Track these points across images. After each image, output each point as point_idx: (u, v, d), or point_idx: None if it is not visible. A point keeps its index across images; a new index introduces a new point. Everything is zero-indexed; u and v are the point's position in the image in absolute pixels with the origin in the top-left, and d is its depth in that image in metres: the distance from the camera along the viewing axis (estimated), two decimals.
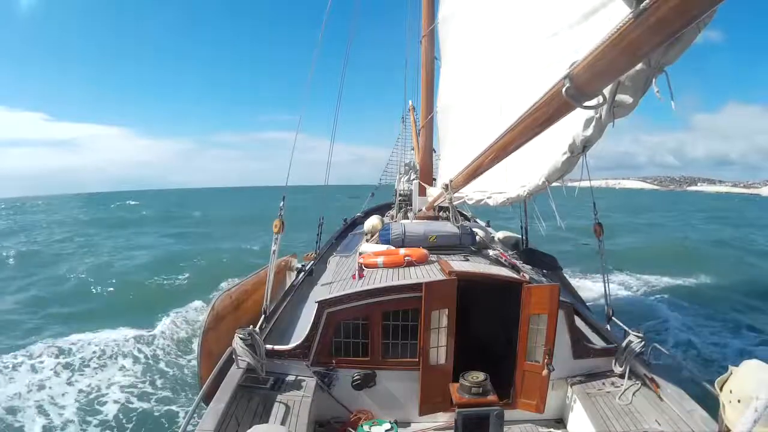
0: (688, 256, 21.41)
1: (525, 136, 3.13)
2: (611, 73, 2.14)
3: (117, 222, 41.48)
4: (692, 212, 54.39)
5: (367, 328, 4.85)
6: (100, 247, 26.47)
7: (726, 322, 12.54)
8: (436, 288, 4.77)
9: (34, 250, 25.40)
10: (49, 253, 24.59)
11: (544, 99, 2.64)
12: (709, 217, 47.22)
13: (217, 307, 5.87)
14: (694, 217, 48.18)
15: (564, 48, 3.39)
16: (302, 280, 7.25)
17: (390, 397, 4.92)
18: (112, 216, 49.80)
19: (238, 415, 3.95)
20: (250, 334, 4.49)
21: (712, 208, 62.07)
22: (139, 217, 47.34)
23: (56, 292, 16.05)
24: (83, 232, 33.90)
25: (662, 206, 67.16)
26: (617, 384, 4.79)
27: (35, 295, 15.61)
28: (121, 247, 26.11)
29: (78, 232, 34.42)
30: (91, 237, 31.40)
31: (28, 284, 17.41)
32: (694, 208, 61.03)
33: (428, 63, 9.26)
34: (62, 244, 28.07)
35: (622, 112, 2.46)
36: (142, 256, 22.51)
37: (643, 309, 13.26)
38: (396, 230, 6.72)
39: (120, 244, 27.72)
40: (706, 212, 54.28)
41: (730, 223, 41.66)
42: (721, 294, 15.54)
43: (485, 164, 4.23)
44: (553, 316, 4.68)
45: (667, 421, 4.07)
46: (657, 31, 1.76)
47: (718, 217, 47.99)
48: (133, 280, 17.24)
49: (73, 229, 36.74)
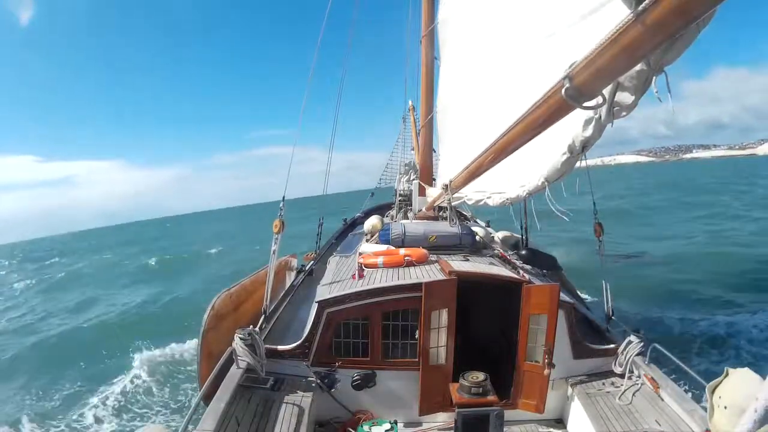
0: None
1: (524, 136, 3.13)
2: (611, 73, 2.14)
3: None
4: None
5: (367, 328, 4.85)
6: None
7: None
8: (436, 288, 4.77)
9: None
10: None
11: (543, 99, 2.64)
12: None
13: (217, 307, 5.86)
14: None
15: (563, 48, 3.38)
16: (302, 280, 7.25)
17: (390, 397, 4.92)
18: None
19: (238, 415, 3.95)
20: (250, 334, 4.49)
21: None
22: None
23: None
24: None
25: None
26: (617, 384, 4.79)
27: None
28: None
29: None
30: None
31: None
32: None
33: (428, 63, 9.26)
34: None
35: (621, 112, 2.46)
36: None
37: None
38: (396, 230, 6.72)
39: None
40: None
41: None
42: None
43: (485, 164, 4.24)
44: (553, 316, 4.68)
45: (667, 421, 4.07)
46: (656, 31, 1.76)
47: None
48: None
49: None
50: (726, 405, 2.42)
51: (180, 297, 18.86)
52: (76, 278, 29.82)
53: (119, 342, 12.73)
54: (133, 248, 47.79)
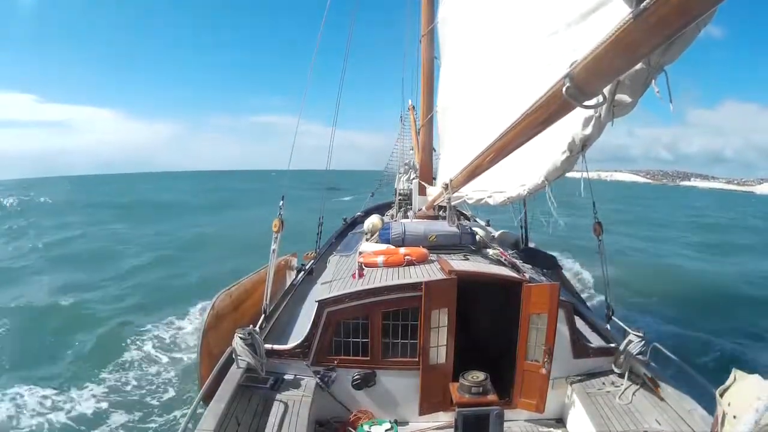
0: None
1: (525, 135, 3.12)
2: (611, 72, 2.14)
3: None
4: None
5: (367, 327, 4.85)
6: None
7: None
8: (436, 287, 4.77)
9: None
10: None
11: (544, 98, 2.64)
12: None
13: (217, 307, 5.86)
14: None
15: (564, 47, 3.38)
16: (302, 280, 7.24)
17: (390, 396, 4.92)
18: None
19: (238, 415, 3.95)
20: (250, 333, 4.49)
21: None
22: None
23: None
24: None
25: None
26: (617, 384, 4.79)
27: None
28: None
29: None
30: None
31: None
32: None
33: (428, 62, 9.24)
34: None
35: (621, 111, 2.46)
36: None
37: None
38: (396, 229, 6.72)
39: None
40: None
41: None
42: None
43: (485, 164, 4.23)
44: (553, 315, 4.68)
45: (667, 420, 4.07)
46: (657, 30, 1.75)
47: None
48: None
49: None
50: (735, 414, 2.37)
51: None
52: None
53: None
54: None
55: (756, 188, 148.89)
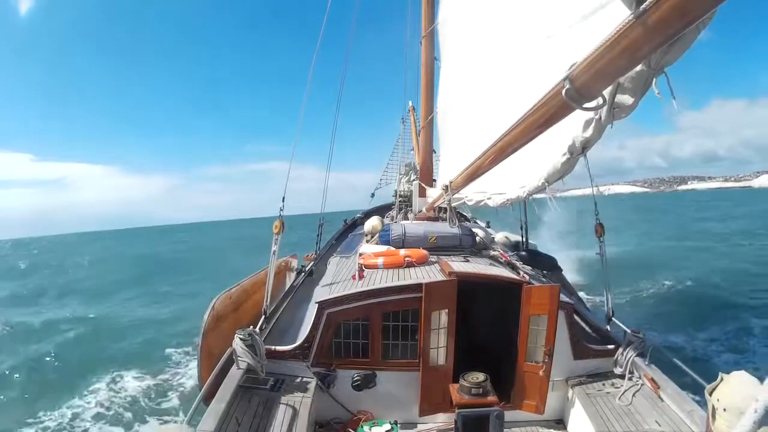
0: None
1: (525, 137, 3.13)
2: (611, 74, 2.14)
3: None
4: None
5: (367, 328, 4.85)
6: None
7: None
8: (436, 289, 4.77)
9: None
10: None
11: (543, 100, 2.64)
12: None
13: (217, 308, 5.86)
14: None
15: (563, 49, 3.38)
16: (302, 281, 7.24)
17: (390, 397, 4.91)
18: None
19: (238, 416, 3.94)
20: (250, 334, 4.48)
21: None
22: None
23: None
24: None
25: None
26: (617, 384, 4.78)
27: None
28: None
29: None
30: None
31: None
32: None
33: (428, 64, 9.27)
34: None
35: (621, 113, 2.46)
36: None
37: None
38: (396, 231, 6.72)
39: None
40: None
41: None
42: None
43: (485, 165, 4.24)
44: (553, 316, 4.68)
45: (667, 421, 4.07)
46: (657, 32, 1.76)
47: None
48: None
49: None
50: (725, 407, 2.44)
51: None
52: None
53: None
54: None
55: (753, 182, 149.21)
